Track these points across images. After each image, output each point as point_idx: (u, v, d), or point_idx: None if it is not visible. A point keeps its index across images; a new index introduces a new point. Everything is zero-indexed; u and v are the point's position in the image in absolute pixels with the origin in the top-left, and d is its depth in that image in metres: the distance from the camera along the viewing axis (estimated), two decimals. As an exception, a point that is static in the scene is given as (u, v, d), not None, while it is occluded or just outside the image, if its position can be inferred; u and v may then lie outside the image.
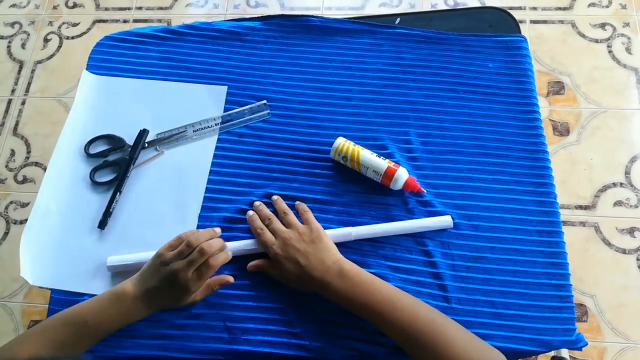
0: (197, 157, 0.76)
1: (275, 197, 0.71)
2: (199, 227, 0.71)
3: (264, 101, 0.78)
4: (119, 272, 0.67)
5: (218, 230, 0.68)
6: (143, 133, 0.76)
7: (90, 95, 0.81)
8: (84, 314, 0.60)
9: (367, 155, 0.70)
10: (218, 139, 0.77)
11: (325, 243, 0.64)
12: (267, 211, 0.69)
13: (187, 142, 0.77)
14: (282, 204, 0.70)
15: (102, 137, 0.77)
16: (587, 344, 0.63)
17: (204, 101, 0.79)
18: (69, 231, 0.71)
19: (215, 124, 0.77)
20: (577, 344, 0.62)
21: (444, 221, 0.68)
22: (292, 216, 0.68)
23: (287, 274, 0.63)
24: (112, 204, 0.71)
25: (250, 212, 0.70)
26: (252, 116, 0.77)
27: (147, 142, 0.76)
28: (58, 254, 0.70)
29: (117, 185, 0.73)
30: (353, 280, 0.61)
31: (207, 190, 0.73)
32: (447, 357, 0.53)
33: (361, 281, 0.61)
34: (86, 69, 0.83)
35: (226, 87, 0.80)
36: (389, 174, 0.68)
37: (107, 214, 0.71)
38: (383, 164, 0.69)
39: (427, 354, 0.55)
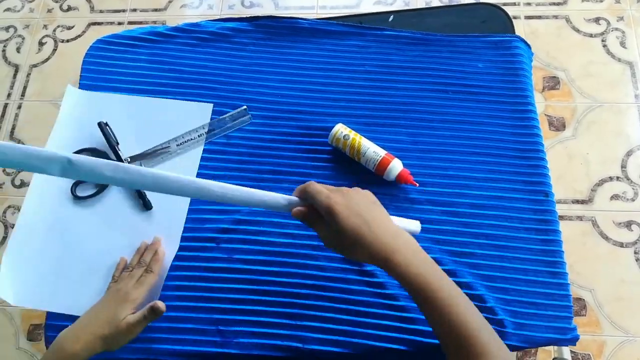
0: (182, 171, 0.74)
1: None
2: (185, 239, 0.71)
3: (244, 107, 0.78)
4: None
5: (160, 237, 0.70)
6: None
7: (75, 110, 0.80)
8: None
9: (367, 142, 0.71)
10: (203, 149, 0.76)
11: (384, 209, 0.56)
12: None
13: (172, 157, 0.76)
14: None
15: (85, 151, 0.76)
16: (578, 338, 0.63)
17: (189, 118, 0.77)
18: (49, 247, 0.70)
19: (199, 136, 0.76)
20: (571, 341, 0.62)
21: (413, 225, 0.63)
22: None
23: (343, 226, 0.51)
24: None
25: None
26: (234, 122, 0.77)
27: (129, 158, 0.75)
28: (38, 272, 0.69)
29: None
30: (414, 249, 0.53)
31: (195, 202, 0.72)
32: (461, 331, 0.48)
33: (417, 251, 0.53)
34: (81, 73, 0.83)
35: (212, 104, 0.78)
36: (384, 163, 0.69)
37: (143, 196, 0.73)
38: (381, 151, 0.70)
39: (443, 323, 0.49)
